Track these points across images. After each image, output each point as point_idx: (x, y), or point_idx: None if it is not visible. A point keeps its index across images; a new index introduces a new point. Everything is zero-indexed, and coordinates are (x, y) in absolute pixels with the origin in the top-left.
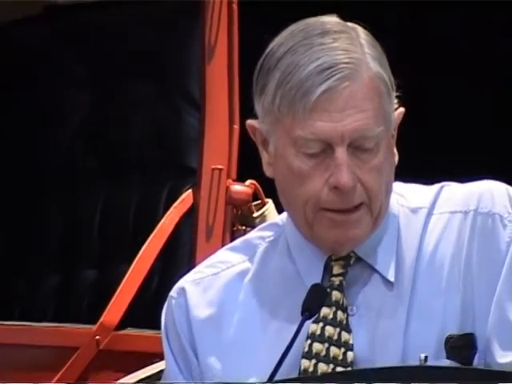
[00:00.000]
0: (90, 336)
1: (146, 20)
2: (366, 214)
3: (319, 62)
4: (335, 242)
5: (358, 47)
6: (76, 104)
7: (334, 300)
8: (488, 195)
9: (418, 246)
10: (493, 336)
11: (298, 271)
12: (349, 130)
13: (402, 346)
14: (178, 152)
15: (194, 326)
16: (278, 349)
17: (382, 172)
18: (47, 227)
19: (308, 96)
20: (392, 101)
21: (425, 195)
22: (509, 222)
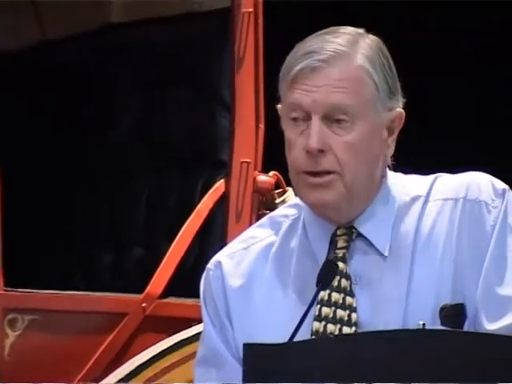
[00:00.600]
0: (138, 304)
1: (185, 35)
2: (337, 182)
3: (309, 48)
4: (314, 204)
5: (352, 45)
6: (127, 108)
7: (340, 269)
8: (475, 185)
9: (416, 228)
10: (480, 306)
11: (309, 244)
12: (321, 99)
13: (403, 314)
14: (212, 148)
15: (228, 294)
16: (296, 313)
17: (358, 149)
18: (103, 212)
19: (291, 71)
20: (380, 96)
21: (421, 185)
22: (493, 207)
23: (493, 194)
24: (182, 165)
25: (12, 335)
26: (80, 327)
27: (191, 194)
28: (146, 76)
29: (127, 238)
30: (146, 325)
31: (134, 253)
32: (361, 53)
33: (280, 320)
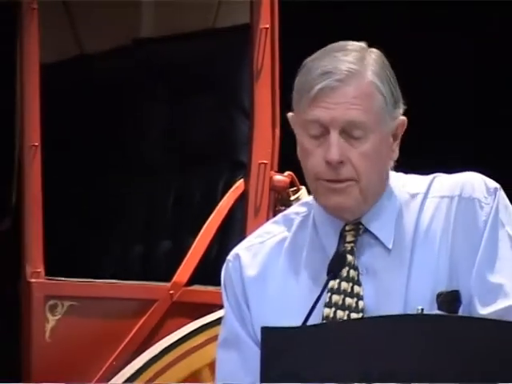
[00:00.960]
0: (166, 291)
1: (209, 50)
2: (354, 188)
3: (325, 68)
4: (333, 207)
5: (361, 62)
6: (157, 116)
7: (348, 261)
8: (469, 184)
9: (416, 222)
10: (474, 293)
11: (319, 238)
12: (339, 116)
13: (404, 300)
14: (233, 150)
15: (245, 283)
16: (307, 300)
17: (371, 158)
18: (137, 208)
19: (311, 91)
20: (388, 108)
21: (420, 183)
22: (485, 204)
23: (485, 192)
24: (205, 166)
25: (52, 320)
26: (113, 312)
27: (214, 192)
28: (174, 86)
29: (156, 232)
30: (173, 310)
31: (162, 245)
32: (370, 69)
33: (293, 306)
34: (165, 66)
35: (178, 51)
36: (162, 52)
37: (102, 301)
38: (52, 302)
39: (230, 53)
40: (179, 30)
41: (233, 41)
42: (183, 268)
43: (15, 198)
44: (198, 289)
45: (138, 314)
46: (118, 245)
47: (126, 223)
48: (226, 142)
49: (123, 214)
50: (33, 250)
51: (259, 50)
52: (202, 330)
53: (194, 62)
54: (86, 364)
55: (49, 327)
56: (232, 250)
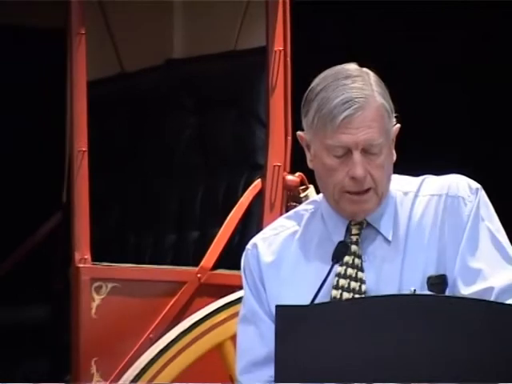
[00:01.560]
0: (194, 274)
1: (231, 69)
2: (373, 195)
3: (342, 97)
4: (353, 213)
5: (368, 86)
6: (188, 125)
7: (353, 251)
8: (455, 184)
9: (408, 217)
10: (458, 277)
11: (328, 232)
12: (361, 140)
13: (399, 283)
14: (251, 154)
15: (262, 268)
16: (316, 283)
17: (384, 168)
18: (169, 203)
19: (335, 120)
20: (391, 121)
21: (411, 183)
22: (468, 201)
23: (469, 191)
24: (228, 167)
25: (97, 299)
26: (149, 293)
27: (235, 190)
28: (201, 100)
29: (186, 224)
30: (200, 291)
31: (191, 235)
32: (376, 91)
33: (303, 288)
34: (193, 83)
35: (204, 70)
36: (191, 71)
37: (139, 283)
38: (97, 283)
39: (249, 71)
40: (205, 51)
41: (251, 61)
42: (209, 254)
43: (66, 195)
44: (221, 272)
45: (170, 294)
46: (154, 235)
47: (161, 216)
48: (246, 147)
49: (158, 208)
50: (81, 240)
51: (274, 69)
52: (225, 308)
53: (218, 79)
54: (126, 336)
55: (94, 305)
56: (251, 239)
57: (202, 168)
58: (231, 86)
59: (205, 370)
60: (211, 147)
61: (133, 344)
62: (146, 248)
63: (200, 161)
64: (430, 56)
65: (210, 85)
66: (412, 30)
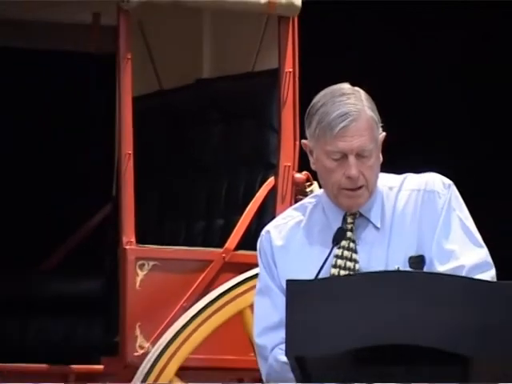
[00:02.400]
0: (220, 255)
1: (250, 87)
2: (365, 191)
3: (339, 112)
4: (349, 206)
5: (360, 102)
6: (213, 133)
7: (348, 236)
8: (431, 181)
9: (393, 208)
10: (434, 257)
11: (328, 221)
12: (355, 147)
13: (385, 262)
14: (266, 156)
15: (274, 250)
16: (318, 262)
17: (374, 168)
18: (199, 196)
19: (333, 130)
20: (378, 130)
21: (396, 180)
22: (442, 195)
23: (442, 187)
24: (247, 167)
25: (141, 274)
26: (183, 269)
27: (253, 186)
28: (225, 113)
29: (213, 213)
30: (224, 268)
31: (217, 222)
32: (366, 106)
33: (308, 266)
34: (218, 99)
35: (227, 88)
36: (217, 89)
37: (175, 261)
38: (141, 262)
39: (265, 89)
40: (228, 72)
41: (266, 80)
42: (232, 238)
43: (115, 190)
44: (242, 253)
45: (200, 271)
46: (187, 222)
47: (193, 207)
48: (261, 150)
49: (190, 200)
50: (127, 226)
51: (284, 87)
52: (244, 282)
53: (239, 95)
54: (164, 305)
55: (138, 280)
56: (265, 226)
57: (226, 168)
58: (250, 101)
59: (228, 333)
60: (233, 151)
61: (169, 311)
62: (180, 233)
63: (224, 162)
64: (430, 56)
65: (232, 100)
66: (412, 30)
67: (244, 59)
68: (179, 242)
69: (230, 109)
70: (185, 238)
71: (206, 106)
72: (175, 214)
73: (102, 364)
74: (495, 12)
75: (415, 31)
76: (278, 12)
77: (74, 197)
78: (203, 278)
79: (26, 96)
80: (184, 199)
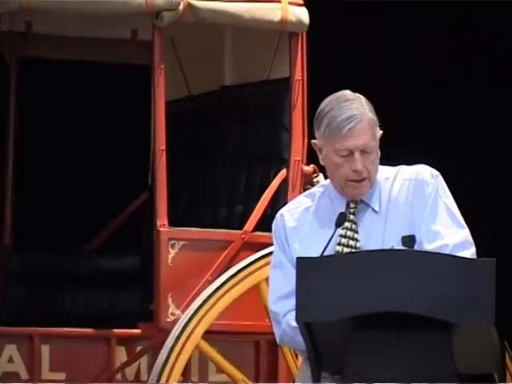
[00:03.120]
0: (239, 235)
1: (265, 93)
2: (367, 183)
3: (345, 115)
4: (353, 195)
5: (362, 106)
6: (233, 133)
7: (351, 219)
8: (421, 171)
9: (389, 195)
10: (423, 237)
11: (333, 206)
12: (360, 144)
13: (381, 242)
14: (279, 152)
15: (287, 230)
16: (324, 241)
17: (375, 162)
18: (221, 186)
19: (341, 131)
20: (377, 129)
21: (391, 171)
22: (430, 184)
23: (430, 177)
24: (263, 161)
25: (172, 252)
26: (208, 248)
27: (268, 177)
28: (244, 115)
29: (234, 200)
30: (243, 247)
31: (237, 208)
32: (367, 109)
33: (315, 245)
34: (239, 103)
35: (246, 94)
36: (237, 94)
37: (201, 241)
38: (172, 242)
39: (278, 95)
40: (248, 79)
41: (279, 87)
42: (250, 221)
43: (151, 180)
44: (258, 234)
45: (223, 249)
46: (212, 208)
47: (217, 195)
48: (275, 147)
49: (215, 190)
50: (161, 211)
51: (294, 93)
52: (261, 259)
53: (256, 100)
54: (192, 279)
55: (170, 257)
56: (279, 211)
57: (245, 162)
58: (265, 105)
59: (247, 302)
60: (251, 148)
61: (197, 284)
62: (206, 217)
63: (243, 157)
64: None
65: (250, 104)
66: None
67: (260, 69)
68: (205, 225)
69: (248, 111)
70: (210, 222)
71: (228, 109)
72: (202, 201)
73: (140, 329)
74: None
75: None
76: (288, 29)
77: (117, 186)
78: (225, 256)
79: (77, 99)
80: (209, 189)
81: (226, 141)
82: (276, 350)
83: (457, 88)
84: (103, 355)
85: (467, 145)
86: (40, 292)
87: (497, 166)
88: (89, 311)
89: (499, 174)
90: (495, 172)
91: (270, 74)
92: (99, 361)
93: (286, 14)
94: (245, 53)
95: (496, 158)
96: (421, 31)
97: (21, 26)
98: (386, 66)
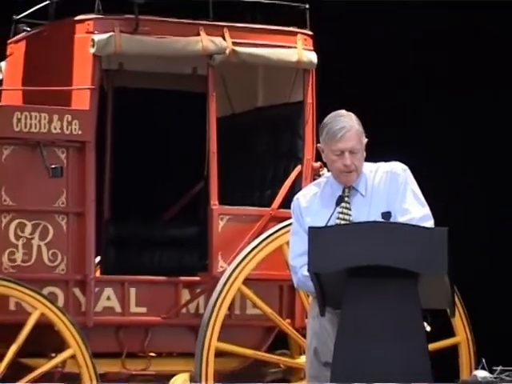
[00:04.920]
0: (268, 212)
1: (286, 112)
2: (355, 173)
3: (338, 126)
4: (345, 182)
5: (351, 120)
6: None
7: (346, 200)
8: (395, 166)
9: (372, 184)
10: (396, 213)
11: (334, 192)
12: (349, 147)
13: (367, 217)
14: (296, 153)
15: (301, 209)
16: (328, 216)
17: (360, 160)
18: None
19: (335, 137)
20: (363, 137)
21: (374, 166)
22: (401, 175)
23: (401, 170)
24: (285, 160)
25: (221, 223)
26: (246, 221)
27: (288, 170)
28: (271, 126)
29: (264, 187)
30: (271, 220)
31: (266, 192)
32: (355, 123)
33: (321, 218)
34: (267, 119)
35: (273, 112)
36: (266, 112)
37: (242, 215)
38: (221, 216)
39: (296, 113)
40: (274, 102)
41: (296, 108)
42: (275, 202)
43: (206, 172)
44: (281, 211)
45: (256, 221)
46: (248, 192)
47: (252, 184)
48: (293, 149)
49: (251, 180)
50: (213, 194)
51: (307, 112)
52: (283, 228)
53: (280, 116)
54: (234, 242)
55: (220, 227)
56: (295, 194)
57: (272, 160)
58: (287, 120)
59: (273, 259)
60: (276, 149)
61: (238, 246)
62: (244, 199)
63: (271, 156)
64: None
65: (276, 119)
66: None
67: (283, 94)
68: (244, 204)
69: (274, 124)
70: (248, 202)
71: (260, 122)
72: (242, 188)
73: (199, 277)
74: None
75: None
76: (303, 67)
77: (183, 176)
78: (258, 226)
79: (155, 116)
80: (247, 179)
81: (259, 145)
82: (294, 292)
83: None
84: (173, 295)
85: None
86: (128, 252)
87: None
88: (163, 265)
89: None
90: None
91: (290, 98)
92: (170, 299)
93: (301, 56)
94: (272, 83)
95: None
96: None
97: (115, 65)
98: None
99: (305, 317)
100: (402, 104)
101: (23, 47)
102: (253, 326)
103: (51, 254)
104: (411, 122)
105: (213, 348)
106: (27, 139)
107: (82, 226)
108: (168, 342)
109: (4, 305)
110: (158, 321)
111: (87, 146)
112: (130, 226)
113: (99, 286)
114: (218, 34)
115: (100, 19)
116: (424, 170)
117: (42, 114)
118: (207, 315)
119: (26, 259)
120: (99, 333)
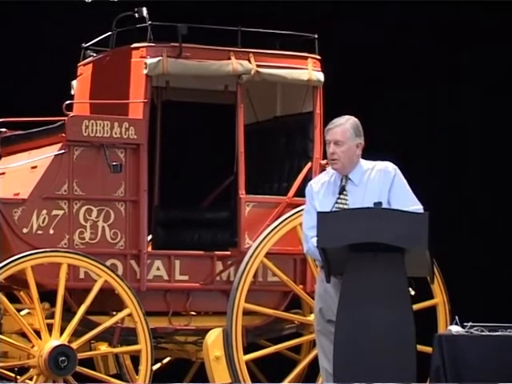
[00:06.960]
0: (285, 200)
1: (299, 121)
2: (338, 162)
3: (331, 123)
4: (334, 169)
5: (345, 122)
6: (281, 143)
7: (345, 189)
8: (387, 165)
9: (367, 177)
10: (385, 205)
11: (336, 181)
12: (332, 139)
13: (361, 204)
14: (307, 152)
15: (313, 194)
16: (332, 202)
17: (345, 152)
18: (275, 171)
19: (326, 131)
20: (354, 138)
21: (371, 164)
22: (392, 173)
23: (392, 168)
24: (298, 158)
25: (247, 209)
26: (267, 205)
27: (300, 166)
28: (287, 131)
29: (282, 179)
30: (287, 206)
31: (283, 184)
32: (348, 123)
33: (327, 204)
34: (284, 125)
35: (288, 120)
36: (284, 121)
37: (264, 203)
38: (247, 203)
39: (307, 121)
40: (289, 112)
41: (307, 117)
42: (291, 191)
43: (235, 168)
44: (296, 199)
45: (275, 207)
46: (268, 184)
47: (271, 177)
48: (305, 149)
49: (271, 174)
50: (241, 186)
51: (315, 120)
52: (297, 212)
53: (295, 123)
54: (258, 223)
55: (246, 211)
56: (308, 182)
57: (288, 158)
58: (300, 126)
59: (289, 237)
60: (291, 150)
61: (261, 226)
62: (265, 189)
63: (287, 156)
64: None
65: (291, 126)
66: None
67: (297, 106)
68: (266, 193)
69: (290, 130)
70: (268, 192)
71: (278, 128)
72: (264, 180)
73: (229, 251)
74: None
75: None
76: (312, 84)
77: (219, 171)
78: (277, 211)
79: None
80: (267, 173)
81: (277, 146)
82: (306, 263)
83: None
84: (209, 266)
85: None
86: (174, 231)
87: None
88: (201, 242)
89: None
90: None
91: (302, 109)
92: (207, 269)
93: (311, 76)
94: (288, 97)
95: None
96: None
97: (163, 83)
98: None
99: (314, 283)
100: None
101: (90, 69)
102: (273, 291)
103: (112, 233)
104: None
105: (241, 308)
106: (93, 142)
107: (137, 211)
108: (205, 303)
109: (75, 274)
110: (197, 286)
111: (141, 148)
112: (174, 211)
113: (150, 258)
114: (245, 58)
115: (151, 46)
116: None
117: (105, 122)
118: (236, 282)
119: (93, 237)
120: (150, 296)
